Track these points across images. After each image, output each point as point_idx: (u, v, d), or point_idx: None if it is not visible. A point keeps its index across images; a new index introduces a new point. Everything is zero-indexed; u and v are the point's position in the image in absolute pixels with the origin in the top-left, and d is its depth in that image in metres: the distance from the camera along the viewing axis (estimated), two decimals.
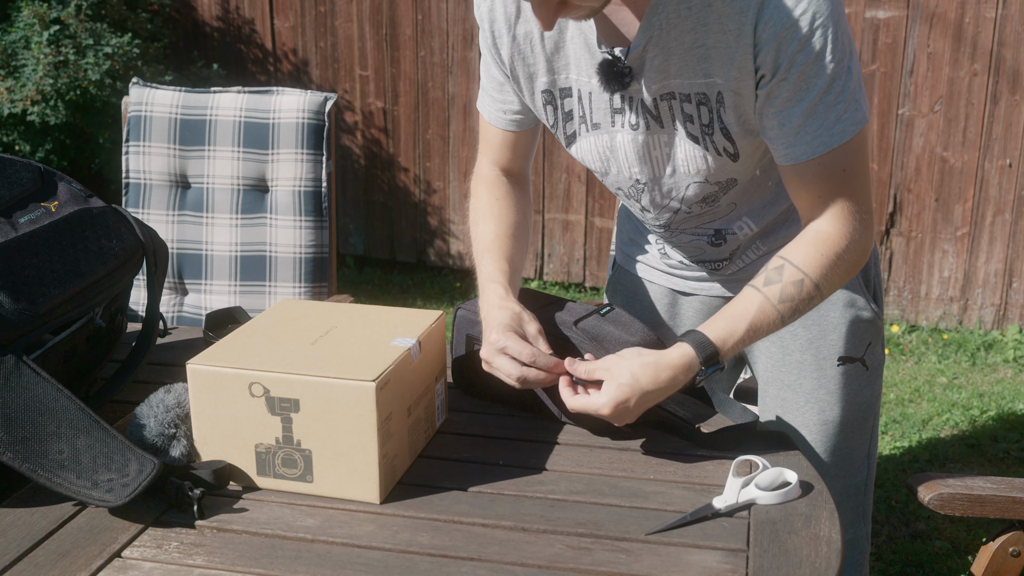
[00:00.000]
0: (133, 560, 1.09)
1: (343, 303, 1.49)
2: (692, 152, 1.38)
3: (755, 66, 1.27)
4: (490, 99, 1.52)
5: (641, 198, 1.49)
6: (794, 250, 1.33)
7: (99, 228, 1.42)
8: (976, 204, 3.77)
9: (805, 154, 1.30)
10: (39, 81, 3.76)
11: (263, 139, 2.22)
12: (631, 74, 1.32)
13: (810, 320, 1.54)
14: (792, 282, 1.32)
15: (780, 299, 1.31)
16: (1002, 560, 1.40)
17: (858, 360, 1.55)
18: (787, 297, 1.31)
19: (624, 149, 1.41)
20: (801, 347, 1.56)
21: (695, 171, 1.40)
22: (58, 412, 1.20)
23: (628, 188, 1.48)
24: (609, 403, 1.25)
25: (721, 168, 1.39)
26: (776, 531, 1.13)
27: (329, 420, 1.17)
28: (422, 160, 4.39)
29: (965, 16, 3.60)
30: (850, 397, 1.56)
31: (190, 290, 2.30)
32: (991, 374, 3.62)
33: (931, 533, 2.62)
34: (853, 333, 1.55)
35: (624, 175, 1.46)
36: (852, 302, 1.54)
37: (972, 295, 3.86)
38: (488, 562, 1.08)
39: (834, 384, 1.56)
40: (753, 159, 1.41)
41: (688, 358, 1.28)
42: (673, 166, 1.41)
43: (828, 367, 1.55)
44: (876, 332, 1.58)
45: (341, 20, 4.33)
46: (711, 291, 1.63)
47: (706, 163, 1.38)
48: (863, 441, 1.60)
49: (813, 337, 1.55)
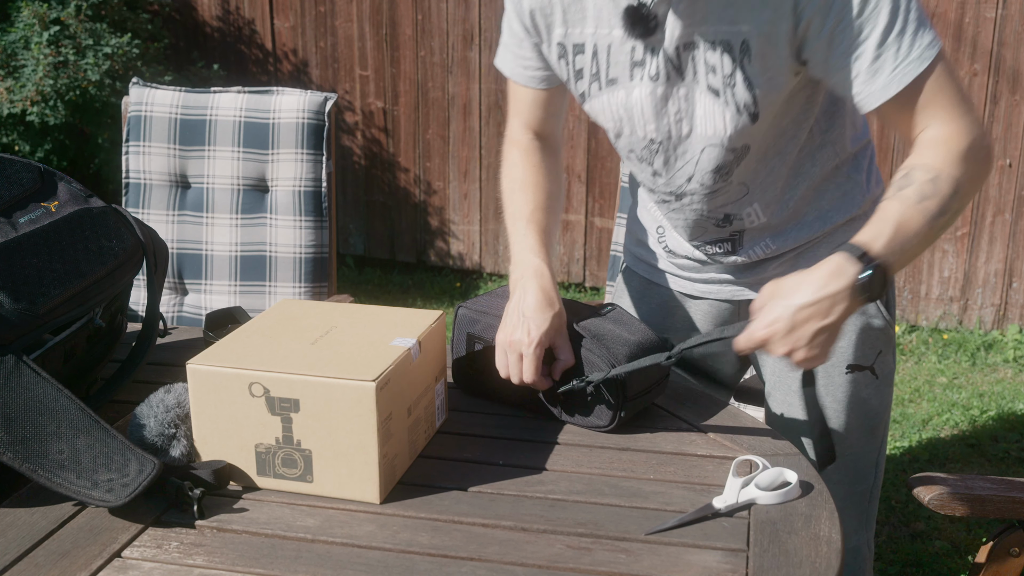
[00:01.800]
0: (133, 560, 1.09)
1: (343, 303, 1.49)
2: (711, 108, 1.35)
3: (795, 10, 1.24)
4: (512, 56, 1.50)
5: (654, 160, 1.45)
6: (916, 156, 1.27)
7: (99, 228, 1.41)
8: (976, 204, 3.77)
9: (888, 91, 1.26)
10: (39, 81, 3.76)
11: (263, 139, 2.22)
12: (656, 19, 1.30)
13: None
14: (927, 180, 1.24)
15: (919, 198, 1.23)
16: (1002, 560, 1.40)
17: (867, 368, 1.52)
18: (927, 195, 1.23)
19: (640, 105, 1.38)
20: None
21: (712, 132, 1.37)
22: (58, 412, 1.20)
23: (641, 150, 1.45)
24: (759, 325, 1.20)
25: (739, 131, 1.36)
26: (776, 531, 1.13)
27: (329, 420, 1.17)
28: (422, 160, 4.39)
29: (965, 16, 3.60)
30: (857, 405, 1.54)
31: (190, 290, 2.30)
32: (991, 374, 3.62)
33: (931, 533, 2.62)
34: (863, 341, 1.52)
35: (638, 135, 1.42)
36: (863, 309, 1.50)
37: (972, 295, 3.86)
38: (488, 562, 1.08)
39: (841, 392, 1.54)
40: (772, 124, 1.38)
41: (834, 262, 1.20)
42: (691, 124, 1.38)
43: (836, 374, 1.53)
44: (887, 341, 1.55)
45: (341, 20, 4.33)
46: (719, 294, 1.61)
47: (724, 121, 1.35)
48: (871, 449, 1.58)
49: None
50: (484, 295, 1.49)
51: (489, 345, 1.43)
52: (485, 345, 1.44)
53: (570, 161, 4.19)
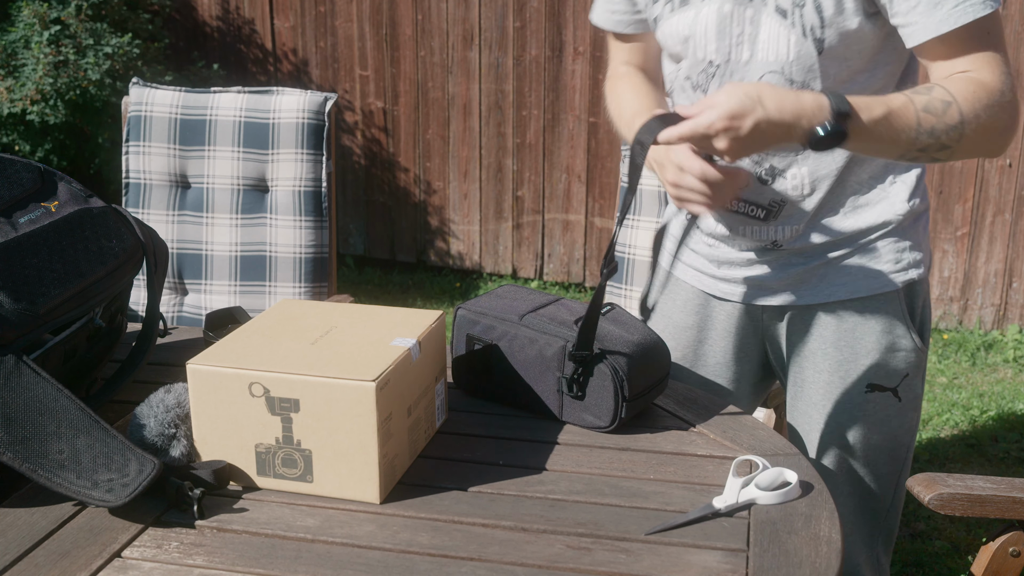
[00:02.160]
0: (133, 560, 1.09)
1: (343, 303, 1.49)
2: (776, 30, 1.34)
3: None
4: (601, 5, 1.58)
5: (709, 87, 1.43)
6: (946, 81, 1.29)
7: (99, 228, 1.41)
8: (976, 204, 3.77)
9: (943, 27, 1.27)
10: (39, 81, 3.76)
11: (263, 139, 2.22)
12: None
13: (843, 342, 1.49)
14: (940, 99, 1.26)
15: (924, 107, 1.25)
16: (1002, 560, 1.40)
17: (889, 390, 1.49)
18: (931, 109, 1.25)
19: (705, 23, 1.39)
20: (831, 368, 1.51)
21: (774, 57, 1.36)
22: (58, 412, 1.20)
23: (698, 75, 1.43)
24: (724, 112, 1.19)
25: (801, 58, 1.35)
26: (776, 531, 1.13)
27: (329, 420, 1.17)
28: (422, 160, 4.39)
29: None
30: (876, 425, 1.51)
31: (190, 290, 2.30)
32: (991, 374, 3.62)
33: (931, 533, 2.62)
34: (887, 362, 1.49)
35: (699, 55, 1.42)
36: (890, 329, 1.48)
37: (972, 295, 3.86)
38: (488, 562, 1.08)
39: (859, 410, 1.51)
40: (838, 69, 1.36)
41: (820, 99, 1.21)
42: (752, 50, 1.37)
43: (856, 392, 1.50)
44: (915, 365, 1.51)
45: (341, 20, 4.33)
46: (743, 296, 1.56)
47: (788, 45, 1.34)
48: (890, 471, 1.55)
49: (844, 359, 1.50)
50: (484, 296, 1.49)
51: (488, 345, 1.43)
52: (485, 345, 1.44)
53: (570, 161, 4.19)
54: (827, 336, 1.51)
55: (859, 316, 1.49)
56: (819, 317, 1.51)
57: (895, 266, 1.48)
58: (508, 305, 1.45)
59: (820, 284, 1.50)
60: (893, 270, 1.48)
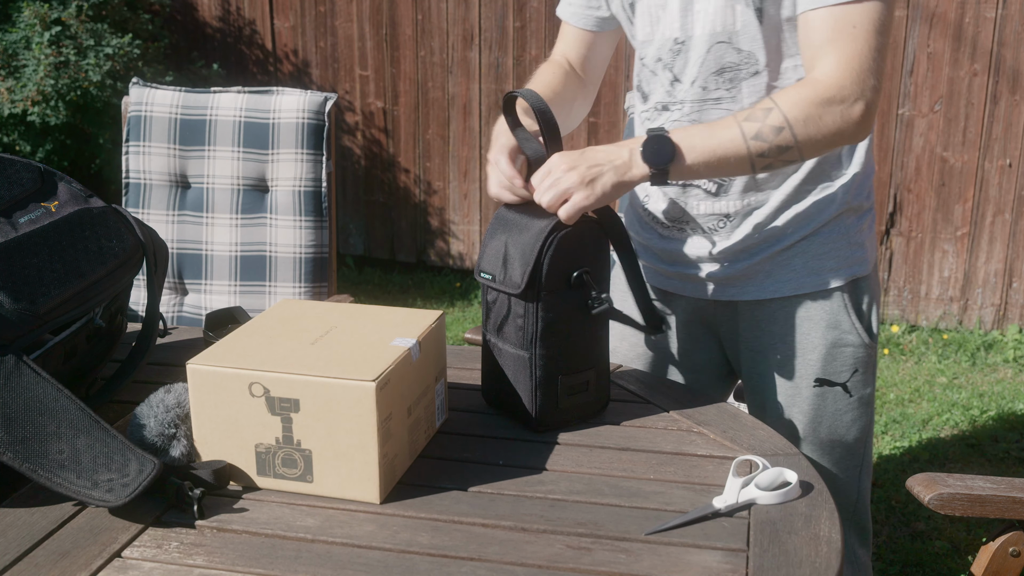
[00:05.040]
0: (133, 560, 1.09)
1: (343, 303, 1.49)
2: (723, 2, 1.41)
3: None
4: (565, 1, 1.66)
5: (675, 63, 1.49)
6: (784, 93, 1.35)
7: (99, 228, 1.42)
8: (976, 204, 3.77)
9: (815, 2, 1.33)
10: (40, 81, 3.77)
11: (263, 139, 2.22)
12: None
13: (790, 337, 1.54)
14: (761, 108, 1.34)
15: (747, 116, 1.34)
16: (1002, 560, 1.40)
17: (839, 385, 1.54)
18: (752, 116, 1.34)
19: (672, 2, 1.46)
20: (779, 362, 1.55)
21: (721, 28, 1.42)
22: (58, 412, 1.20)
23: (666, 52, 1.49)
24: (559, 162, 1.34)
25: (746, 28, 1.41)
26: (776, 531, 1.13)
27: (329, 420, 1.17)
28: (422, 160, 4.40)
29: (965, 16, 3.60)
30: (827, 421, 1.55)
31: (190, 290, 2.30)
32: (991, 374, 3.62)
33: (931, 533, 2.62)
34: (834, 356, 1.53)
35: (667, 35, 1.48)
36: (835, 324, 1.52)
37: (972, 295, 3.86)
38: (488, 562, 1.08)
39: (808, 405, 1.55)
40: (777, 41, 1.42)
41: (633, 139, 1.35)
42: (704, 22, 1.44)
43: (804, 387, 1.54)
44: (864, 360, 1.55)
45: (341, 20, 4.33)
46: (695, 291, 1.61)
47: (733, 14, 1.40)
48: (848, 467, 1.59)
49: (792, 354, 1.54)
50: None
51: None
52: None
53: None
54: (775, 331, 1.55)
55: (805, 312, 1.53)
56: (768, 312, 1.56)
57: (839, 263, 1.52)
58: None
59: (767, 281, 1.54)
60: (837, 267, 1.52)
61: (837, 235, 1.52)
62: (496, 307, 1.39)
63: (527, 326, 1.35)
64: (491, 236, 1.40)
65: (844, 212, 1.52)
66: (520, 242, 1.35)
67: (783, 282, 1.53)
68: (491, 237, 1.40)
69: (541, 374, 1.36)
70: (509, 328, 1.37)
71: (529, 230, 1.35)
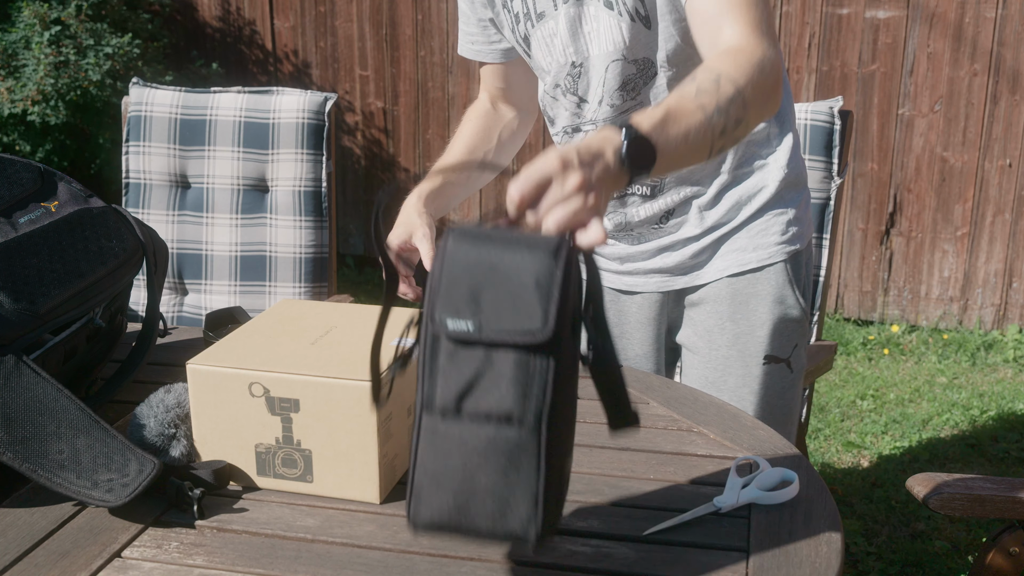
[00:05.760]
0: (133, 560, 1.09)
1: (343, 303, 1.49)
2: (608, 22, 1.42)
3: None
4: (464, 38, 1.66)
5: (578, 86, 1.50)
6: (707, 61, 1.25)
7: (99, 228, 1.42)
8: (976, 204, 3.77)
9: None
10: (39, 81, 3.77)
11: (263, 139, 2.22)
12: None
13: (739, 315, 1.56)
14: (708, 79, 1.18)
15: (696, 93, 1.16)
16: (1002, 560, 1.40)
17: (783, 361, 1.56)
18: (705, 90, 1.16)
19: (561, 29, 1.47)
20: (728, 342, 1.57)
21: (612, 47, 1.43)
22: (58, 412, 1.20)
23: (565, 78, 1.51)
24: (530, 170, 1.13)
25: (636, 39, 1.42)
26: (776, 531, 1.13)
27: (329, 420, 1.17)
28: (422, 160, 4.39)
29: (965, 16, 3.60)
30: (772, 398, 1.58)
31: (190, 290, 2.30)
32: (991, 374, 3.62)
33: (931, 533, 2.62)
34: (780, 332, 1.56)
35: (561, 61, 1.50)
36: (781, 299, 1.55)
37: (972, 295, 3.86)
38: (488, 562, 1.08)
39: (757, 383, 1.57)
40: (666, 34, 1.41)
41: (601, 132, 1.05)
42: (597, 43, 1.45)
43: (753, 365, 1.56)
44: (803, 334, 1.59)
45: (341, 20, 4.33)
46: (647, 286, 1.63)
47: (621, 32, 1.42)
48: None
49: (741, 332, 1.56)
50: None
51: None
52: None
53: None
54: (723, 311, 1.57)
55: (751, 288, 1.56)
56: (715, 293, 1.58)
57: (780, 237, 1.55)
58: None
59: (713, 260, 1.57)
60: (778, 241, 1.55)
61: (779, 210, 1.55)
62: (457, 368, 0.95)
63: (532, 393, 0.91)
64: (448, 264, 0.95)
65: (783, 188, 1.55)
66: (515, 265, 0.92)
67: (729, 260, 1.56)
68: (448, 265, 0.95)
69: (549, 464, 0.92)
70: (489, 398, 0.92)
71: (524, 247, 0.93)
